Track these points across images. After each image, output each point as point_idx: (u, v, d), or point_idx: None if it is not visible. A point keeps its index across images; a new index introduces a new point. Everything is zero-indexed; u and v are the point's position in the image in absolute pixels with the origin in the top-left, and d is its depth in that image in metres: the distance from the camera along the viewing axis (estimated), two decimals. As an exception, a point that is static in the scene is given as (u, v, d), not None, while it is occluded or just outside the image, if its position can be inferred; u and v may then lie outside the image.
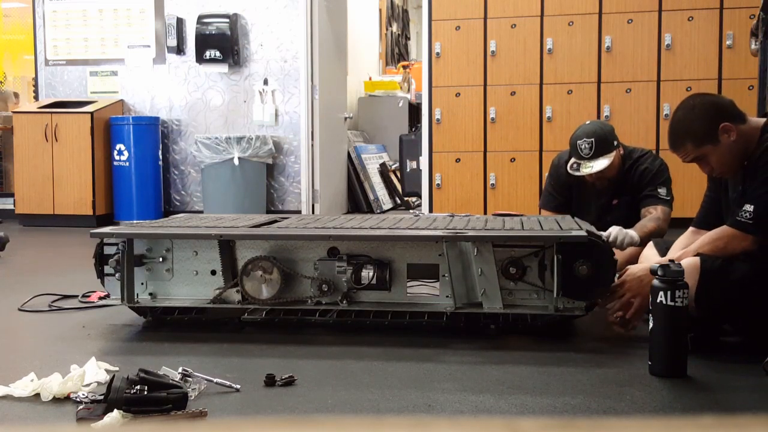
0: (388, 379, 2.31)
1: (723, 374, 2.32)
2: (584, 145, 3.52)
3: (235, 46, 7.00)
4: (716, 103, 2.61)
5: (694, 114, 2.55)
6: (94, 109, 6.93)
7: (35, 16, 7.49)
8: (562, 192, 3.77)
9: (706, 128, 2.52)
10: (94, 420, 1.91)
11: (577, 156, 3.57)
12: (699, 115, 2.54)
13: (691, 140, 2.54)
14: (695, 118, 2.54)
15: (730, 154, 2.54)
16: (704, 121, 2.52)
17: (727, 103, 2.60)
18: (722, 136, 2.51)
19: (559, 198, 3.76)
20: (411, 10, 12.87)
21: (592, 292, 2.72)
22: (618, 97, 6.02)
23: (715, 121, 2.51)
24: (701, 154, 2.55)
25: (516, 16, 6.14)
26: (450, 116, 6.27)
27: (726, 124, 2.50)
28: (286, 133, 7.10)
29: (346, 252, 2.89)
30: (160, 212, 7.03)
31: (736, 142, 2.51)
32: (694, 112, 2.56)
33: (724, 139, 2.51)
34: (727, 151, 2.53)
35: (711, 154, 2.54)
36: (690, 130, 2.54)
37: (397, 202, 8.36)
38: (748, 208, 2.47)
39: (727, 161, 2.56)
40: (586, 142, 3.52)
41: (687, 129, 2.55)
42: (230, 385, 2.17)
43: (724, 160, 2.55)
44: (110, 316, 3.17)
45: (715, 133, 2.51)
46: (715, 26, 5.89)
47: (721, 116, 2.52)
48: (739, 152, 2.54)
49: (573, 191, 3.75)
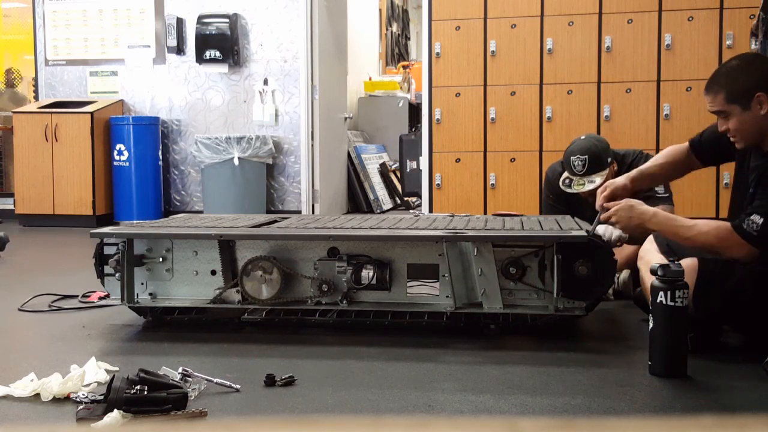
0: (388, 379, 2.31)
1: (723, 374, 2.32)
2: (577, 162, 3.50)
3: (235, 46, 7.00)
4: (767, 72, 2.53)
5: (743, 69, 2.50)
6: (94, 109, 6.93)
7: (35, 16, 7.49)
8: (560, 201, 3.78)
9: (744, 89, 2.46)
10: (94, 420, 1.91)
11: (570, 171, 3.56)
12: (747, 73, 2.49)
13: (726, 93, 2.48)
14: (741, 74, 2.49)
15: (751, 125, 2.48)
16: (747, 82, 2.47)
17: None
18: (754, 104, 2.45)
19: (559, 207, 3.77)
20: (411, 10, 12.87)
21: (592, 292, 2.72)
22: (618, 97, 6.02)
23: (756, 86, 2.45)
24: (727, 110, 2.49)
25: (516, 16, 6.14)
26: (450, 116, 6.27)
27: (761, 95, 2.44)
28: (286, 133, 7.10)
29: (346, 252, 2.89)
30: (160, 212, 7.03)
31: (764, 118, 2.46)
32: (745, 68, 2.50)
33: (754, 108, 2.46)
34: (752, 120, 2.47)
35: (736, 115, 2.48)
36: (730, 82, 2.49)
37: (397, 202, 8.35)
38: (756, 220, 2.41)
39: (746, 130, 2.50)
40: (580, 159, 3.50)
41: (728, 80, 2.49)
42: (230, 385, 2.17)
43: (744, 128, 2.49)
44: (110, 316, 3.17)
45: (749, 98, 2.45)
46: (715, 26, 5.89)
47: (763, 84, 2.45)
48: (762, 129, 2.48)
49: (569, 199, 3.75)
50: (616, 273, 3.24)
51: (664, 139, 5.89)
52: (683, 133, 5.88)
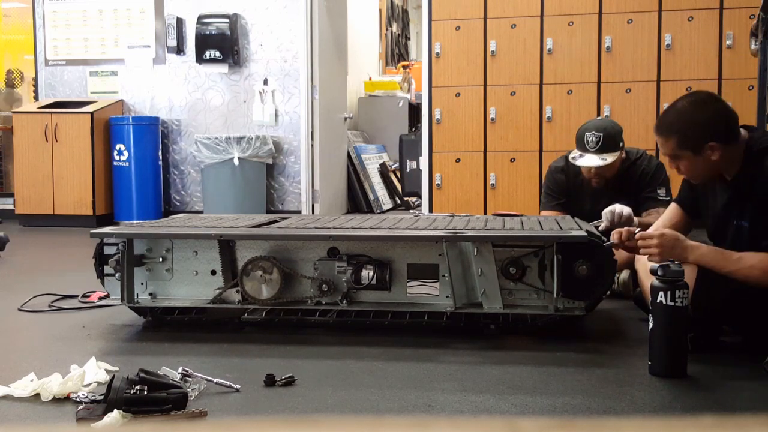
0: (388, 379, 2.31)
1: (723, 374, 2.32)
2: (591, 138, 3.52)
3: (235, 46, 7.00)
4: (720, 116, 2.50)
5: (694, 115, 2.47)
6: (94, 109, 6.93)
7: (35, 16, 7.49)
8: (560, 193, 3.78)
9: (696, 137, 2.44)
10: (94, 420, 1.91)
11: (581, 148, 3.57)
12: (697, 120, 2.46)
13: (678, 139, 2.47)
14: (692, 121, 2.47)
15: (703, 169, 2.50)
16: (698, 129, 2.45)
17: (729, 118, 2.50)
18: (706, 151, 2.44)
19: (558, 197, 3.77)
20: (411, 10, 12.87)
21: (592, 292, 2.72)
22: (618, 97, 6.02)
23: (707, 135, 2.44)
24: (679, 154, 2.49)
25: (516, 16, 6.14)
26: (450, 116, 6.27)
27: (713, 144, 2.43)
28: (286, 133, 7.10)
29: (346, 252, 2.89)
30: (160, 212, 7.03)
31: (715, 162, 2.46)
32: (696, 114, 2.47)
33: (706, 155, 2.45)
34: (703, 165, 2.48)
35: (687, 159, 2.49)
36: (682, 128, 2.46)
37: (397, 202, 8.35)
38: None
39: (698, 172, 2.53)
40: (595, 135, 3.52)
41: (680, 126, 2.47)
42: (230, 385, 2.17)
43: (696, 171, 2.52)
44: (110, 316, 3.17)
45: (701, 146, 2.44)
46: (715, 26, 5.89)
47: (716, 133, 2.44)
48: (714, 170, 2.51)
49: (570, 194, 3.75)
50: (616, 273, 3.24)
51: (664, 139, 5.88)
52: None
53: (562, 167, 3.78)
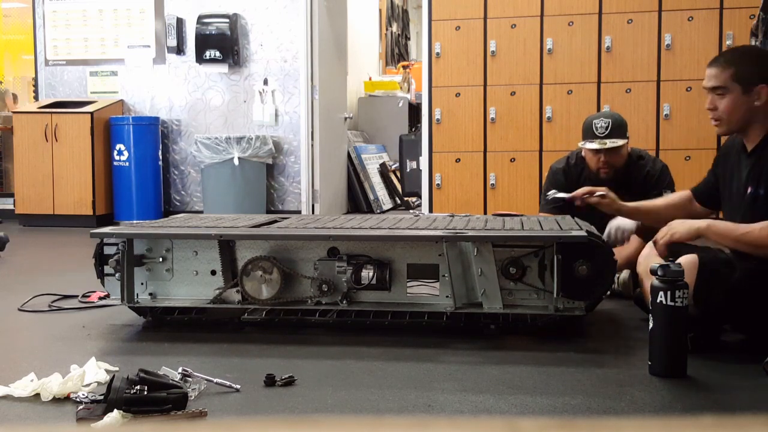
0: (388, 379, 2.31)
1: (723, 374, 2.32)
2: (600, 124, 3.55)
3: (235, 46, 7.00)
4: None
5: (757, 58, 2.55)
6: (94, 109, 6.93)
7: (35, 16, 7.49)
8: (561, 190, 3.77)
9: (752, 73, 2.50)
10: (94, 420, 1.91)
11: (590, 136, 3.58)
12: (759, 62, 2.54)
13: (735, 70, 2.51)
14: (754, 61, 2.54)
15: (743, 111, 2.51)
16: (757, 70, 2.51)
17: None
18: (754, 93, 2.49)
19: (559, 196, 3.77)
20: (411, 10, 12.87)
21: (592, 292, 2.72)
22: (618, 97, 6.02)
23: (764, 76, 2.49)
24: (729, 87, 2.51)
25: (516, 16, 6.14)
26: (450, 116, 6.27)
27: (764, 87, 2.48)
28: (286, 133, 7.10)
29: (346, 252, 2.89)
30: (160, 212, 7.03)
31: (756, 108, 2.50)
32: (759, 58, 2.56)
33: (752, 95, 2.49)
34: (745, 106, 2.50)
35: (733, 95, 2.51)
36: (742, 62, 2.53)
37: (397, 202, 8.35)
38: None
39: (735, 114, 2.53)
40: (603, 121, 3.56)
41: (742, 60, 2.54)
42: (230, 385, 2.17)
43: (734, 111, 2.52)
44: (110, 316, 3.17)
45: (752, 85, 2.49)
46: (715, 26, 5.89)
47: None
48: (751, 116, 2.52)
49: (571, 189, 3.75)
50: (616, 273, 3.24)
51: (664, 139, 5.89)
52: (683, 133, 5.89)
53: (563, 168, 3.78)
